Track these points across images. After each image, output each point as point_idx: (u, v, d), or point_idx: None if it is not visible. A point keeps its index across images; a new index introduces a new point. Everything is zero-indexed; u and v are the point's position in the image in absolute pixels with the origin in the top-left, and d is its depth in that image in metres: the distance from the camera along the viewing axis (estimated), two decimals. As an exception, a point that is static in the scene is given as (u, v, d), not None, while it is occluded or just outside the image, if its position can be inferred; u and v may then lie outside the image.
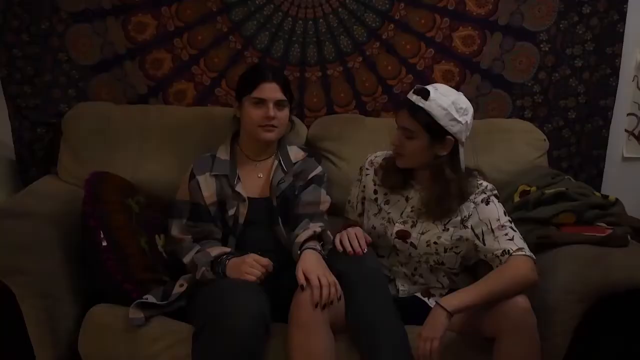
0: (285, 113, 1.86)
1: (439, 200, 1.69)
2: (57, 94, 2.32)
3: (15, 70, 2.28)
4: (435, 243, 1.73)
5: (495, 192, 1.74)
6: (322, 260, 1.65)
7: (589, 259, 1.69)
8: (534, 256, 1.64)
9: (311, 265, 1.61)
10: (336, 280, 1.59)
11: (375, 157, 1.87)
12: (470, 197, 1.71)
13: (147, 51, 2.31)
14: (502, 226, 1.67)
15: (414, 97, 1.65)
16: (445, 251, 1.74)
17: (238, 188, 1.85)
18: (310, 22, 2.30)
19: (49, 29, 2.26)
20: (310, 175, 1.92)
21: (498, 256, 1.65)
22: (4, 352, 1.72)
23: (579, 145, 2.39)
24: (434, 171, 1.70)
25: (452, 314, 1.54)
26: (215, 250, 1.75)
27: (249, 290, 1.60)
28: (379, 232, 1.81)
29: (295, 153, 1.96)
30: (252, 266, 1.65)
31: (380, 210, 1.82)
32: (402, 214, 1.78)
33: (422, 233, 1.74)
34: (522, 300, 1.56)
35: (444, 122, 1.63)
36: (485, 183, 1.74)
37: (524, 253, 1.63)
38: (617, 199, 1.95)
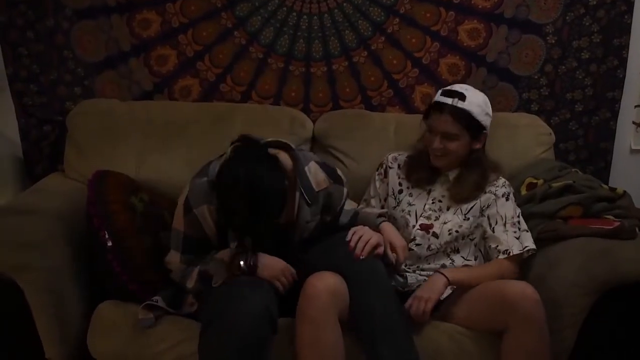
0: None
1: (476, 184, 1.82)
2: (62, 91, 2.32)
3: (21, 68, 2.29)
4: (456, 231, 1.82)
5: (512, 189, 1.88)
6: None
7: (596, 252, 1.69)
8: (534, 248, 1.79)
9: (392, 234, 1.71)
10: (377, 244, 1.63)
11: (399, 154, 1.96)
12: (492, 189, 1.84)
13: (152, 48, 2.31)
14: (514, 224, 1.81)
15: (450, 100, 1.76)
16: (462, 238, 1.83)
17: None
18: (315, 17, 2.29)
19: (53, 27, 2.27)
20: (339, 207, 1.79)
21: (500, 252, 1.79)
22: (13, 348, 1.73)
23: (586, 138, 2.38)
24: (472, 162, 1.83)
25: (450, 282, 1.69)
26: (225, 254, 1.64)
27: (255, 287, 1.59)
28: (400, 225, 1.85)
29: (316, 176, 1.71)
30: (285, 276, 1.63)
31: (399, 203, 1.89)
32: (424, 206, 1.86)
33: (445, 223, 1.83)
34: (531, 292, 1.57)
35: (481, 118, 1.78)
36: (504, 179, 1.88)
37: (519, 251, 1.77)
38: (624, 192, 1.94)
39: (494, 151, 2.09)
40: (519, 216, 1.83)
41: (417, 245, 1.82)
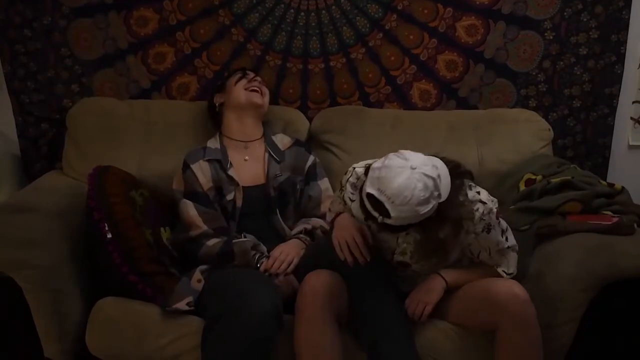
0: (265, 89, 2.08)
1: (435, 256, 1.58)
2: (60, 89, 2.32)
3: (19, 66, 2.28)
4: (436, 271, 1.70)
5: (495, 207, 1.60)
6: (299, 247, 1.82)
7: (594, 248, 1.69)
8: (515, 272, 1.69)
9: (287, 246, 1.81)
10: (294, 262, 1.77)
11: (357, 179, 1.63)
12: (470, 229, 1.59)
13: (149, 45, 2.31)
14: (499, 250, 1.66)
15: (376, 214, 1.44)
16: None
17: (231, 172, 1.91)
18: (313, 13, 2.29)
19: (51, 25, 2.26)
20: (306, 167, 2.02)
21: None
22: (13, 346, 1.73)
23: (585, 134, 2.38)
24: (421, 228, 1.50)
25: (449, 285, 1.66)
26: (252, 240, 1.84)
27: (262, 283, 1.62)
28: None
29: (282, 140, 2.05)
30: (284, 285, 1.74)
31: (372, 235, 1.67)
32: (397, 239, 1.66)
33: (422, 266, 1.68)
34: (520, 292, 1.57)
35: (416, 220, 1.45)
36: (482, 208, 1.57)
37: (504, 274, 1.68)
38: (623, 188, 1.94)
39: (492, 146, 2.10)
40: (503, 235, 1.65)
41: (401, 271, 1.73)
